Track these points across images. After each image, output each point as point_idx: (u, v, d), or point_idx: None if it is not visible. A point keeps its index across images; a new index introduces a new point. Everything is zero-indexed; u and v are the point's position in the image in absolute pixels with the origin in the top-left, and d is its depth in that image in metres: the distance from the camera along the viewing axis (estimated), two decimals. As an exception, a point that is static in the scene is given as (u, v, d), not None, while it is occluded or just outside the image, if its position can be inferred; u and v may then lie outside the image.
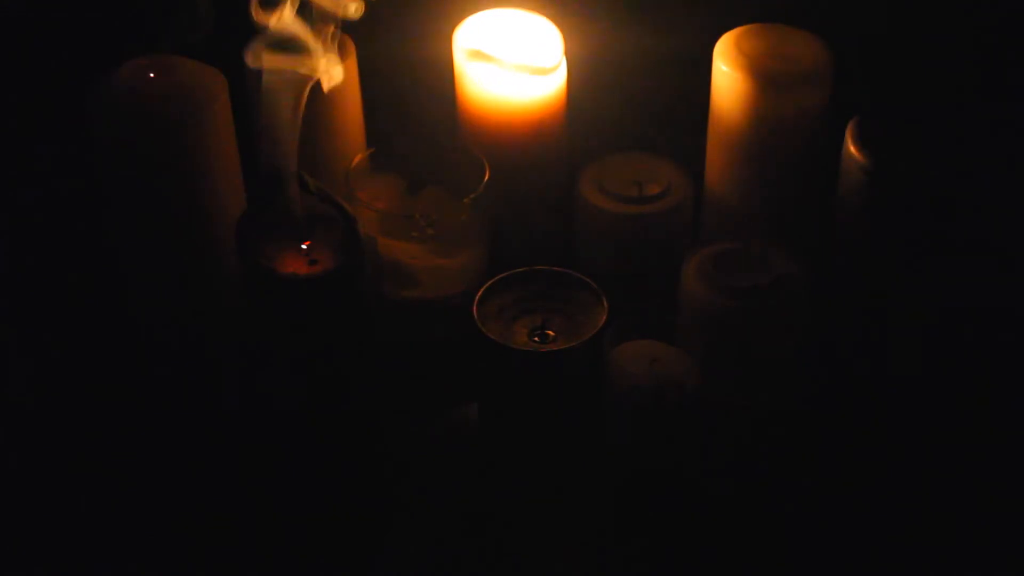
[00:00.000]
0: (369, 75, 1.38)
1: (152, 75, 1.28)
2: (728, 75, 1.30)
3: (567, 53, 1.35)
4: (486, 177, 1.29)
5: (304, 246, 1.23)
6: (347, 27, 1.36)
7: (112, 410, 1.31)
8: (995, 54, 1.40)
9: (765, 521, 1.23)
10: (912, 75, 1.42)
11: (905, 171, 1.26)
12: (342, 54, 1.34)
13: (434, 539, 1.22)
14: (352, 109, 1.37)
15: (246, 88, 1.34)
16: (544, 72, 1.33)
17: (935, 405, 1.29)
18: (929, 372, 1.31)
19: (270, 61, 1.17)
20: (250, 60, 1.17)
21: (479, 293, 1.22)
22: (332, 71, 1.19)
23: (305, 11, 1.18)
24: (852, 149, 1.27)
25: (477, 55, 1.34)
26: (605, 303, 1.21)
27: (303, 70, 1.17)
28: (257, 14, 1.17)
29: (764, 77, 1.29)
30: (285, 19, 1.17)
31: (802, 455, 1.26)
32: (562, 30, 1.34)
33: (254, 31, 1.18)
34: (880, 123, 1.28)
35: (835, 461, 1.26)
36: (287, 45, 1.23)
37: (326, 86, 1.19)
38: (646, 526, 1.23)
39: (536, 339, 1.23)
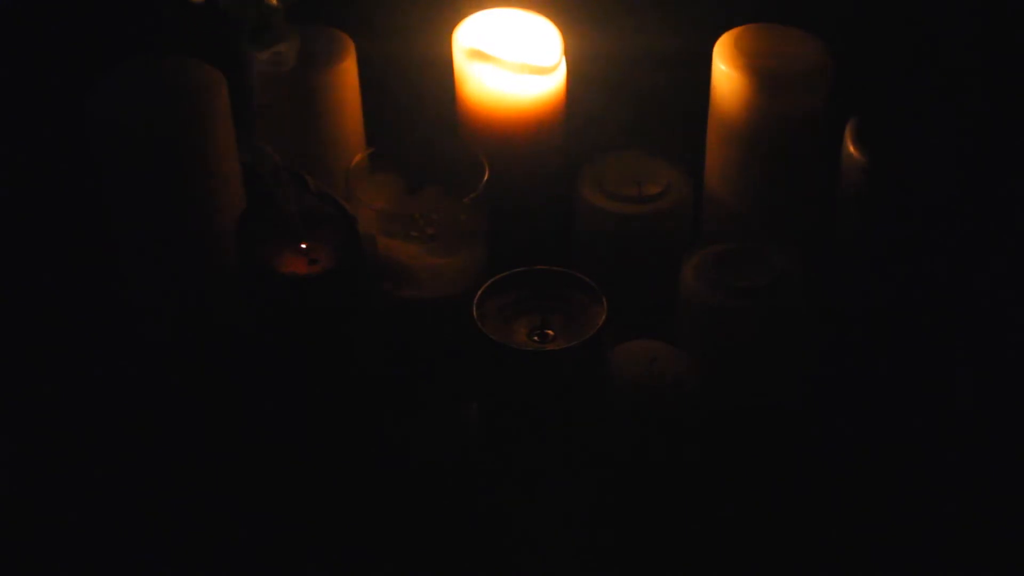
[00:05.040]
0: (369, 75, 1.38)
1: (152, 75, 1.28)
2: (728, 75, 1.30)
3: (567, 53, 1.35)
4: (486, 177, 1.29)
5: (304, 246, 1.23)
6: (347, 27, 1.36)
7: (110, 407, 1.31)
8: (994, 53, 1.40)
9: (764, 521, 1.23)
10: (912, 75, 1.42)
11: (905, 171, 1.26)
12: (342, 54, 1.34)
13: (434, 539, 1.22)
14: (352, 109, 1.37)
15: (244, 85, 1.34)
16: (544, 72, 1.33)
17: (935, 404, 1.29)
18: (929, 371, 1.31)
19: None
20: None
21: (479, 293, 1.22)
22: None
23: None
24: (852, 149, 1.27)
25: (477, 55, 1.34)
26: (605, 303, 1.21)
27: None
28: None
29: (764, 77, 1.29)
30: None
31: (801, 455, 1.26)
32: (562, 30, 1.34)
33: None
34: (880, 123, 1.28)
35: (834, 461, 1.26)
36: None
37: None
38: (646, 526, 1.23)
39: (536, 339, 1.23)
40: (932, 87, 1.40)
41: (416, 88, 1.47)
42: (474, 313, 1.21)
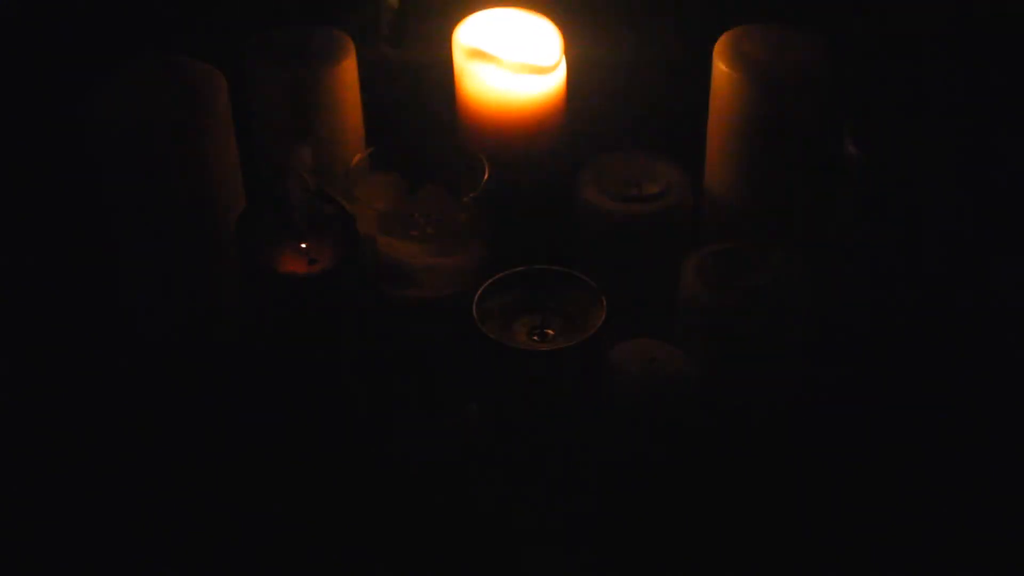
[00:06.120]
0: (369, 75, 1.38)
1: (152, 75, 1.28)
2: (728, 75, 1.30)
3: (567, 53, 1.35)
4: (486, 177, 1.29)
5: (304, 246, 1.23)
6: (347, 27, 1.36)
7: (110, 407, 1.31)
8: (990, 53, 1.40)
9: (762, 521, 1.23)
10: (909, 75, 1.42)
11: (902, 169, 1.26)
12: (342, 54, 1.34)
13: (434, 538, 1.22)
14: (352, 109, 1.37)
15: (245, 88, 1.34)
16: (544, 71, 1.33)
17: (934, 404, 1.29)
18: (928, 371, 1.31)
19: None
20: None
21: (479, 293, 1.22)
22: None
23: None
24: (851, 149, 1.27)
25: (477, 54, 1.34)
26: (604, 303, 1.21)
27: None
28: None
29: (764, 77, 1.29)
30: None
31: (801, 455, 1.26)
32: (562, 30, 1.34)
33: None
34: (878, 122, 1.28)
35: (832, 461, 1.26)
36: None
37: None
38: (646, 526, 1.23)
39: (535, 338, 1.23)
40: (928, 87, 1.40)
41: (416, 88, 1.47)
42: (474, 313, 1.21)
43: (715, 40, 1.32)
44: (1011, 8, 1.39)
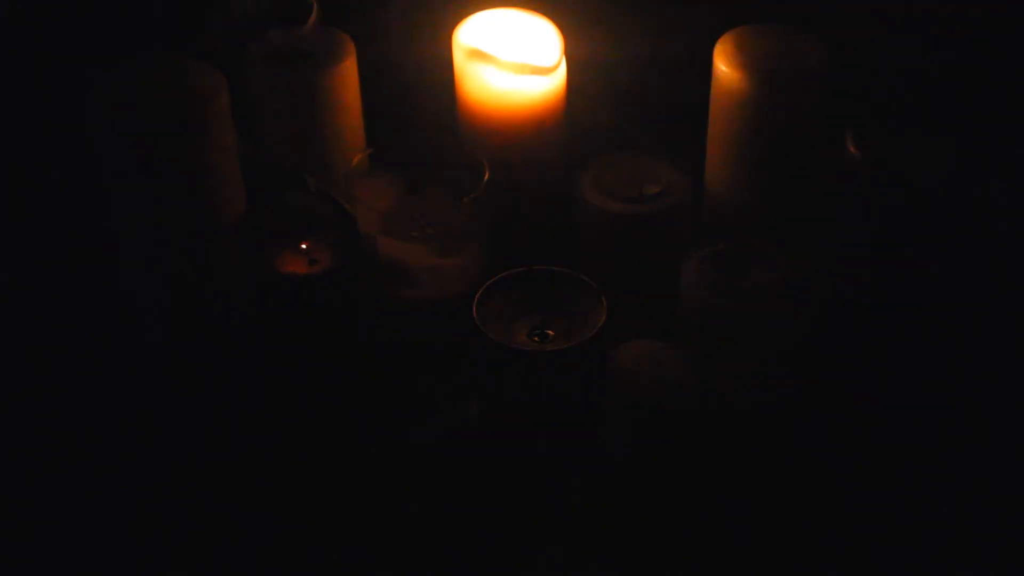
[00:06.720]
0: (369, 75, 1.38)
1: (152, 75, 1.28)
2: (728, 75, 1.30)
3: (567, 53, 1.35)
4: (486, 177, 1.29)
5: (304, 246, 1.23)
6: (347, 27, 1.37)
7: (110, 407, 1.31)
8: (994, 53, 1.41)
9: (762, 521, 1.23)
10: (911, 74, 1.42)
11: (905, 171, 1.26)
12: (342, 54, 1.34)
13: (433, 539, 1.22)
14: (352, 109, 1.37)
15: (246, 88, 1.35)
16: (544, 72, 1.33)
17: (934, 404, 1.29)
18: (928, 371, 1.31)
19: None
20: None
21: (479, 293, 1.22)
22: None
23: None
24: (852, 149, 1.27)
25: (477, 55, 1.34)
26: (604, 303, 1.21)
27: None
28: None
29: (764, 77, 1.29)
30: None
31: (801, 455, 1.26)
32: (562, 30, 1.34)
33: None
34: (880, 123, 1.28)
35: (832, 461, 1.26)
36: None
37: None
38: (645, 526, 1.23)
39: (536, 339, 1.23)
40: (931, 87, 1.40)
41: (416, 88, 1.47)
42: (474, 313, 1.21)
43: (716, 40, 1.32)
44: (1011, 8, 1.39)
